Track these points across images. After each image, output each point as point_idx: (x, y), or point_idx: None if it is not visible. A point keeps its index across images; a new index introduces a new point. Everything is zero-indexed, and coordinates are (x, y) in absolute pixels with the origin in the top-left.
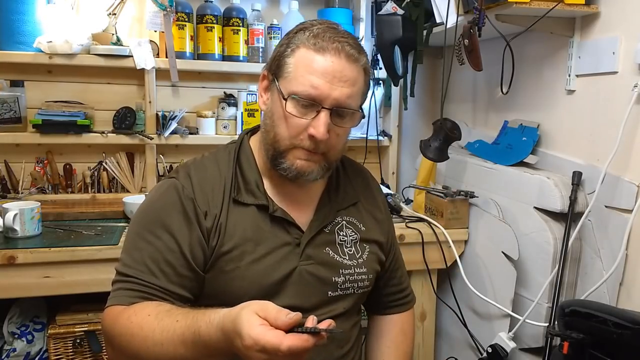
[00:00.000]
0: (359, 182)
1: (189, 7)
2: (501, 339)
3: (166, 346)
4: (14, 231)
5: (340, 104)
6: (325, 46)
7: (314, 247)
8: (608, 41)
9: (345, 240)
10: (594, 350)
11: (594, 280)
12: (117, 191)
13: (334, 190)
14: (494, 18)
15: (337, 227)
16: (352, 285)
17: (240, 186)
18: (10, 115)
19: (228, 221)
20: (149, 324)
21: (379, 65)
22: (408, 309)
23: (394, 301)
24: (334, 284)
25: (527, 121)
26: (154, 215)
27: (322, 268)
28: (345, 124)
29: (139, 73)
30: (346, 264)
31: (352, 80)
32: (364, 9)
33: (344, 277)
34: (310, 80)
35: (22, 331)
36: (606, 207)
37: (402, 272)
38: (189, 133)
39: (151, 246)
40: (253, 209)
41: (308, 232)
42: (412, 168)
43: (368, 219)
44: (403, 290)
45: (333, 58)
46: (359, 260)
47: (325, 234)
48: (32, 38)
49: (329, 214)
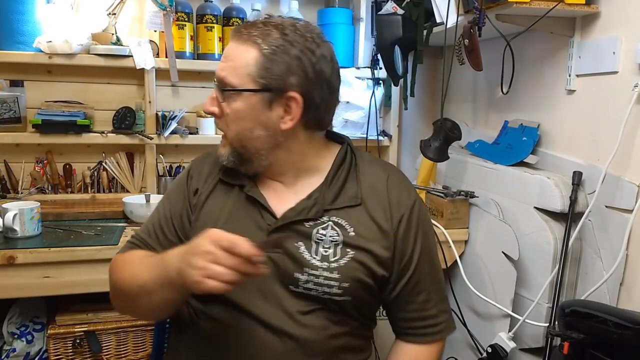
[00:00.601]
0: (371, 182)
1: (188, 6)
2: (501, 339)
3: (137, 276)
4: (13, 231)
5: (218, 79)
6: (231, 34)
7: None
8: (608, 41)
9: (324, 240)
10: (594, 351)
11: (594, 280)
12: (116, 191)
13: (329, 187)
14: (494, 18)
15: (320, 226)
16: (316, 287)
17: (233, 170)
18: (10, 115)
19: (209, 198)
20: (132, 262)
21: (379, 65)
22: (430, 341)
23: (411, 329)
24: (295, 280)
25: (528, 121)
26: (169, 187)
27: (288, 260)
28: (230, 101)
29: (139, 73)
30: (314, 264)
31: (231, 56)
32: (364, 9)
33: (307, 276)
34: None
35: (21, 331)
36: (606, 207)
37: (427, 297)
38: (188, 133)
39: (157, 212)
40: (236, 190)
41: (280, 220)
42: (412, 168)
43: (366, 225)
44: (426, 319)
45: (229, 40)
46: (332, 264)
47: (303, 229)
48: (31, 38)
49: (312, 210)
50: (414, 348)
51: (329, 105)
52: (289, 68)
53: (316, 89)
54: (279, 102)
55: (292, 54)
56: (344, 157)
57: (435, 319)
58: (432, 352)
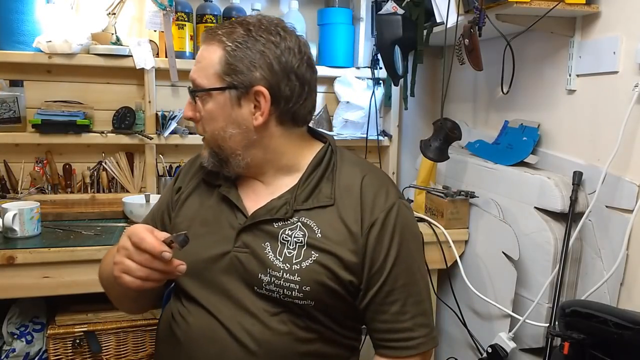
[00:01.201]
0: (347, 183)
1: (188, 6)
2: (501, 339)
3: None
4: (13, 231)
5: (191, 83)
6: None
7: (254, 237)
8: (609, 41)
9: (289, 241)
10: (595, 351)
11: (594, 280)
12: (116, 191)
13: (302, 188)
14: (494, 18)
15: (288, 227)
16: (278, 289)
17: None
18: (9, 115)
19: (190, 197)
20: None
21: (379, 65)
22: (404, 355)
23: (384, 341)
24: (259, 281)
25: (528, 121)
26: (168, 187)
27: (254, 260)
28: (203, 103)
29: (139, 73)
30: (276, 265)
31: (200, 58)
32: (364, 9)
33: (269, 277)
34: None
35: (21, 331)
36: (607, 207)
37: (401, 309)
38: (188, 133)
39: (151, 209)
40: (217, 191)
41: (249, 219)
42: (413, 168)
43: (335, 228)
44: (399, 331)
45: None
46: (294, 267)
47: (272, 229)
48: (31, 38)
49: (281, 209)
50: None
51: (300, 98)
52: (252, 63)
53: (283, 81)
54: (248, 98)
55: (255, 48)
56: (322, 156)
57: (410, 333)
58: None
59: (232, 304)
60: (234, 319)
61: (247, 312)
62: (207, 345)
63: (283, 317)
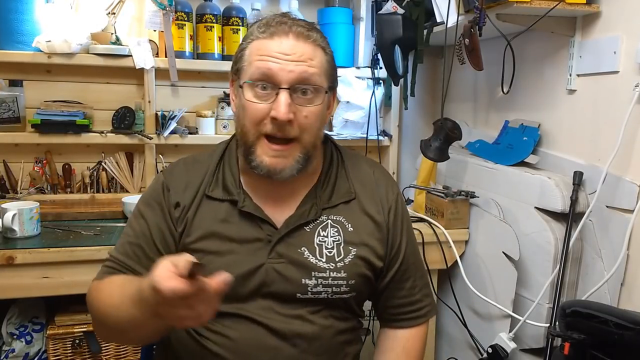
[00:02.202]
0: (360, 178)
1: (188, 6)
2: (502, 339)
3: (122, 308)
4: (12, 231)
5: (298, 81)
6: (273, 30)
7: (287, 246)
8: (609, 41)
9: (326, 241)
10: (595, 351)
11: (595, 280)
12: (116, 191)
13: (323, 187)
14: (494, 17)
15: (320, 227)
16: (325, 290)
17: (218, 183)
18: (9, 115)
19: (197, 215)
20: (113, 291)
21: (379, 65)
22: (417, 324)
23: (400, 314)
24: (304, 286)
25: (528, 121)
26: (140, 203)
27: (293, 268)
28: (311, 103)
29: (138, 72)
30: (321, 267)
31: (306, 56)
32: (364, 8)
33: (315, 280)
34: (261, 63)
35: (21, 332)
36: (607, 207)
37: (413, 284)
38: (188, 133)
39: (132, 231)
40: (226, 205)
41: (281, 229)
42: (413, 168)
43: (362, 220)
44: (413, 304)
45: (281, 39)
46: (339, 264)
47: (304, 233)
48: (30, 37)
49: (311, 211)
50: (405, 333)
51: None
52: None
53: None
54: (329, 99)
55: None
56: (332, 153)
57: (421, 303)
58: (420, 334)
59: (275, 312)
60: (282, 323)
61: (293, 315)
62: (258, 353)
63: (324, 312)
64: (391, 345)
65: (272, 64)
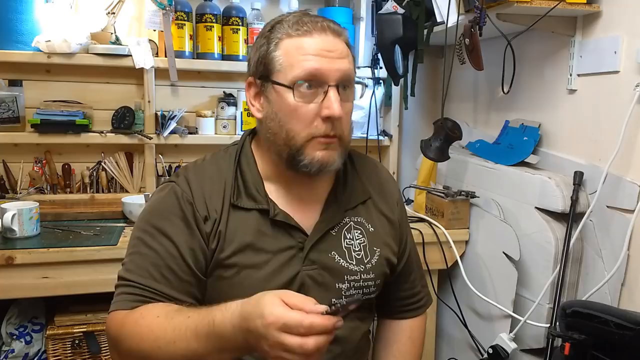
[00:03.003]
0: (370, 177)
1: (188, 6)
2: (502, 339)
3: (179, 343)
4: (12, 231)
5: (343, 77)
6: (309, 28)
7: (319, 252)
8: (610, 40)
9: (353, 244)
10: (596, 351)
11: (595, 280)
12: (115, 191)
13: (342, 188)
14: (495, 17)
15: (344, 229)
16: (357, 292)
17: (240, 190)
18: (8, 115)
19: (228, 227)
20: (159, 325)
21: (379, 65)
22: (420, 314)
23: (405, 306)
24: (338, 291)
25: (528, 121)
26: (155, 220)
27: (326, 274)
28: (349, 100)
29: (138, 72)
30: (352, 270)
31: (344, 53)
32: (364, 8)
33: (348, 283)
34: (306, 62)
35: (20, 332)
36: (608, 207)
37: (415, 276)
38: (188, 133)
39: (152, 251)
40: (254, 214)
41: (312, 235)
42: (413, 168)
43: (378, 219)
44: (415, 295)
45: (321, 36)
46: (367, 266)
47: (331, 237)
48: (30, 37)
49: (336, 214)
50: (409, 323)
51: None
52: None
53: None
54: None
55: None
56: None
57: (420, 294)
58: (422, 323)
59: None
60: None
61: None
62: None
63: (351, 315)
64: (397, 337)
65: (319, 62)
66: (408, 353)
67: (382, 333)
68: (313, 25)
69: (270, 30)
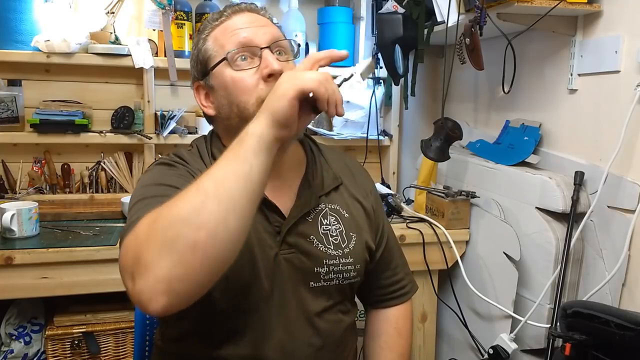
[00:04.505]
0: (339, 164)
1: (187, 5)
2: (502, 340)
3: (227, 182)
4: (11, 232)
5: (274, 40)
6: (229, 12)
7: (296, 235)
8: (610, 40)
9: (330, 229)
10: (596, 352)
11: (596, 281)
12: (115, 191)
13: (312, 175)
14: (495, 17)
15: (320, 215)
16: (337, 276)
17: None
18: (7, 115)
19: None
20: (188, 190)
21: (380, 65)
22: (404, 301)
23: (389, 294)
24: (316, 275)
25: (529, 121)
26: (156, 178)
27: (304, 258)
28: (289, 65)
29: (138, 72)
30: (331, 254)
31: (269, 22)
32: (364, 8)
33: (327, 267)
34: (234, 37)
35: (19, 332)
36: (609, 208)
37: (396, 263)
38: (187, 133)
39: (159, 197)
40: None
41: (289, 219)
42: (413, 168)
43: (353, 205)
44: (398, 282)
45: (243, 15)
46: (345, 250)
47: (308, 223)
48: (29, 37)
49: (310, 200)
50: (393, 311)
51: None
52: None
53: None
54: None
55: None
56: (310, 146)
57: (404, 281)
58: (408, 313)
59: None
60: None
61: (306, 314)
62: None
63: (339, 305)
64: (383, 328)
65: (246, 33)
66: (395, 344)
67: (369, 325)
68: (232, 10)
69: (198, 33)
